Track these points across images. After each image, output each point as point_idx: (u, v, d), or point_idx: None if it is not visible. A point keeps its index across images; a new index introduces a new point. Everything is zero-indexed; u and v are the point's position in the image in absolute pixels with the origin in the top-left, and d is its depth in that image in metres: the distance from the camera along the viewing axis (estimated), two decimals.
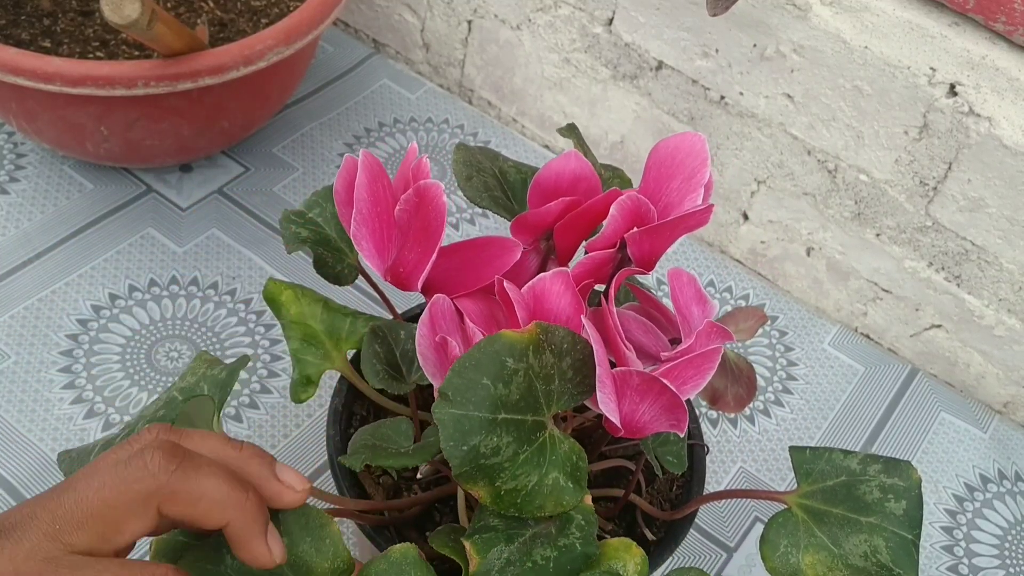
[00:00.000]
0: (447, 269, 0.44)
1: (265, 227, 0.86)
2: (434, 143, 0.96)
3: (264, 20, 0.88)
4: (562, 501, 0.42)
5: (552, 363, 0.42)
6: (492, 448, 0.40)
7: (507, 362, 0.40)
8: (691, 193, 0.44)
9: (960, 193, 0.76)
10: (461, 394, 0.40)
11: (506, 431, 0.40)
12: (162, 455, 0.36)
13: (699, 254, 0.91)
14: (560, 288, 0.43)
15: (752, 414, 0.80)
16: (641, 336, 0.46)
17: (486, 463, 0.40)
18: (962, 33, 0.71)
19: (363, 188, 0.43)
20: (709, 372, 0.41)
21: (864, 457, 0.48)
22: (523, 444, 0.41)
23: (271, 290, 0.54)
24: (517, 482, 0.41)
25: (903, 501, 0.47)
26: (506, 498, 0.41)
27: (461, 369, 0.40)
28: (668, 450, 0.51)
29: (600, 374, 0.40)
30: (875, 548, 0.45)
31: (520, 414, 0.41)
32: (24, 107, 0.77)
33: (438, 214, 0.42)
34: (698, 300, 0.45)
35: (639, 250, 0.44)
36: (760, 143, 0.85)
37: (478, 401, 0.40)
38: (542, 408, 0.42)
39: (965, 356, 0.84)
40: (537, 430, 0.42)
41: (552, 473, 0.41)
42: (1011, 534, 0.75)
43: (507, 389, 0.40)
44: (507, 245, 0.44)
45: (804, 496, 0.47)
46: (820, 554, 0.45)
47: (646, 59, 0.87)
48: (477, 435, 0.40)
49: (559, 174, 0.47)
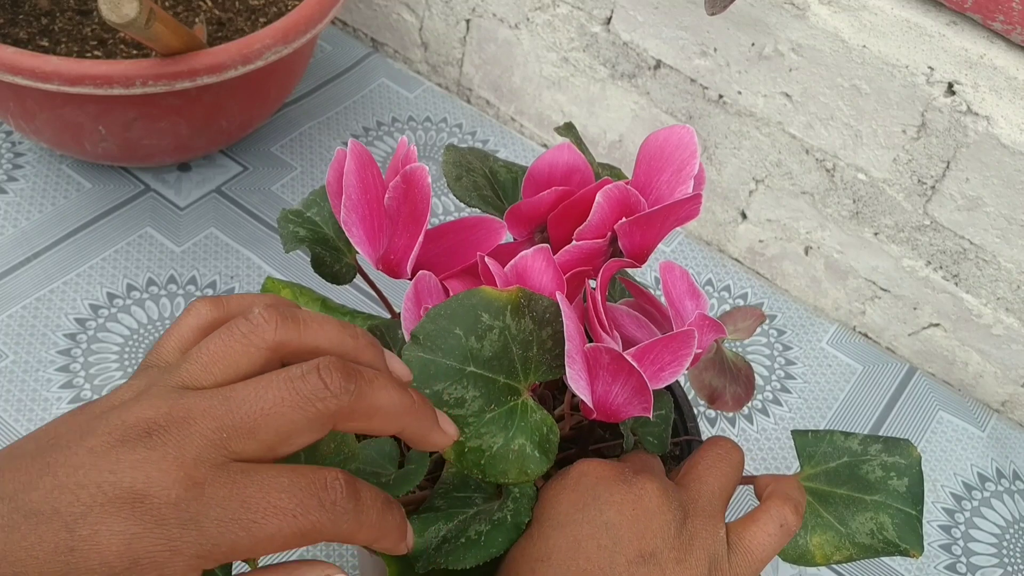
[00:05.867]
0: (436, 252, 0.45)
1: (264, 226, 0.86)
2: (432, 142, 0.96)
3: (262, 19, 0.88)
4: (526, 469, 0.41)
5: (531, 329, 0.42)
6: (456, 399, 0.40)
7: (482, 317, 0.41)
8: (681, 185, 0.44)
9: (958, 192, 0.76)
10: (432, 340, 0.40)
11: (474, 385, 0.41)
12: (341, 375, 0.34)
13: (697, 253, 0.91)
14: (542, 264, 0.43)
15: (750, 413, 0.80)
16: (634, 331, 0.46)
17: (449, 412, 0.40)
18: (960, 32, 0.71)
19: (352, 175, 0.43)
20: (687, 357, 0.41)
21: (864, 438, 0.49)
22: (491, 403, 0.41)
23: (269, 288, 0.54)
24: (482, 441, 0.41)
25: (905, 478, 0.47)
26: (469, 456, 0.41)
27: (435, 316, 0.40)
28: (649, 431, 0.51)
29: (569, 348, 0.40)
30: (881, 525, 0.46)
31: (491, 372, 0.41)
32: (22, 106, 0.77)
33: (424, 196, 0.42)
34: (691, 294, 0.45)
35: (630, 242, 0.44)
36: (758, 142, 0.85)
37: (447, 349, 0.40)
38: (518, 373, 0.42)
39: (963, 355, 0.84)
40: (509, 393, 0.42)
41: (519, 439, 0.41)
42: (1009, 532, 0.75)
43: (479, 344, 0.41)
44: (493, 226, 0.45)
45: (808, 479, 0.48)
46: (827, 534, 0.46)
47: (644, 58, 0.87)
48: (441, 382, 0.40)
49: (552, 165, 0.47)
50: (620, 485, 0.42)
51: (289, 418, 0.33)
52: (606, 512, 0.41)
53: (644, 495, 0.41)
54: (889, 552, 0.46)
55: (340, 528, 0.33)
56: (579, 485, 0.42)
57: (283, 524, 0.32)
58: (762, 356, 0.84)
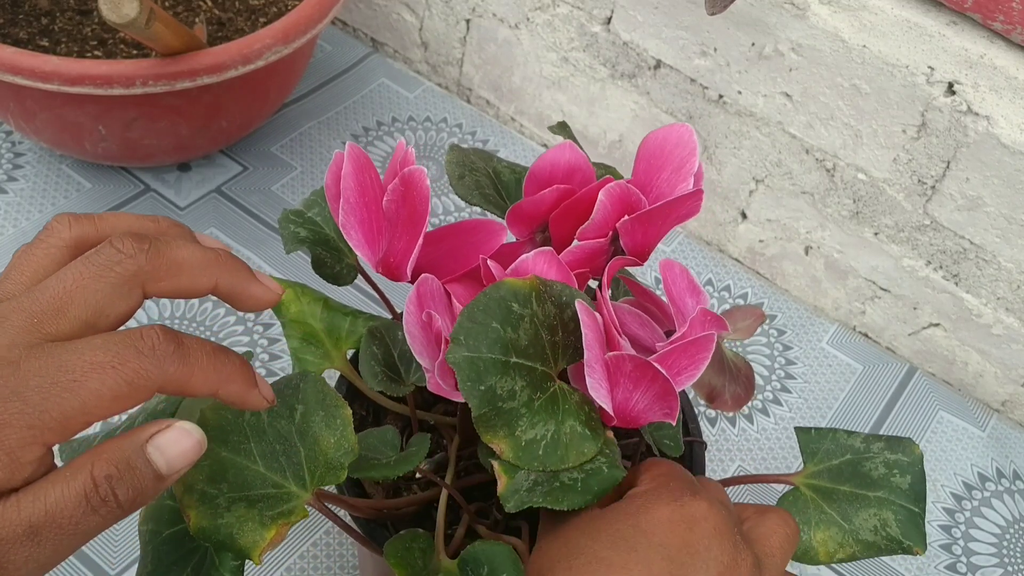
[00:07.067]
0: (436, 255, 0.44)
1: (263, 226, 0.86)
2: (432, 142, 0.96)
3: (262, 19, 0.88)
4: (583, 449, 0.41)
5: (554, 313, 0.42)
6: (508, 391, 0.40)
7: (513, 307, 0.40)
8: (681, 183, 0.44)
9: (958, 192, 0.76)
10: (473, 337, 0.40)
11: (519, 375, 0.40)
12: (132, 240, 0.35)
13: (697, 253, 0.91)
14: (544, 266, 0.43)
15: (750, 413, 0.80)
16: (637, 329, 0.46)
17: (504, 407, 0.40)
18: (960, 32, 0.71)
19: (349, 177, 0.43)
20: (704, 361, 0.41)
21: (867, 436, 0.49)
22: (536, 391, 0.41)
23: None
24: (536, 431, 0.40)
25: (908, 476, 0.47)
26: (527, 449, 0.40)
27: (471, 313, 0.40)
28: (664, 434, 0.51)
29: (589, 358, 0.40)
30: (884, 521, 0.46)
31: (530, 360, 0.41)
32: (22, 106, 0.77)
33: (423, 198, 0.42)
34: (691, 291, 0.45)
35: (631, 240, 0.44)
36: (758, 142, 0.85)
37: (490, 343, 0.40)
38: (549, 359, 0.42)
39: (963, 355, 0.84)
40: (546, 380, 0.41)
41: (568, 421, 0.41)
42: (1009, 532, 0.75)
43: (516, 333, 0.40)
44: (493, 228, 0.44)
45: (811, 476, 0.48)
46: (831, 530, 0.46)
47: (644, 58, 0.87)
48: (492, 376, 0.40)
49: (554, 164, 0.47)
50: (731, 545, 0.39)
51: (92, 288, 0.34)
52: (711, 570, 0.38)
53: (743, 567, 0.39)
54: (892, 550, 0.46)
55: (168, 372, 0.34)
56: (695, 528, 0.39)
57: (104, 377, 0.32)
58: (762, 356, 0.84)
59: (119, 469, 0.33)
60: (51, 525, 0.31)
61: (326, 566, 0.67)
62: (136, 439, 0.34)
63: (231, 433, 0.43)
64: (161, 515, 0.44)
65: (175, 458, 0.34)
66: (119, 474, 0.33)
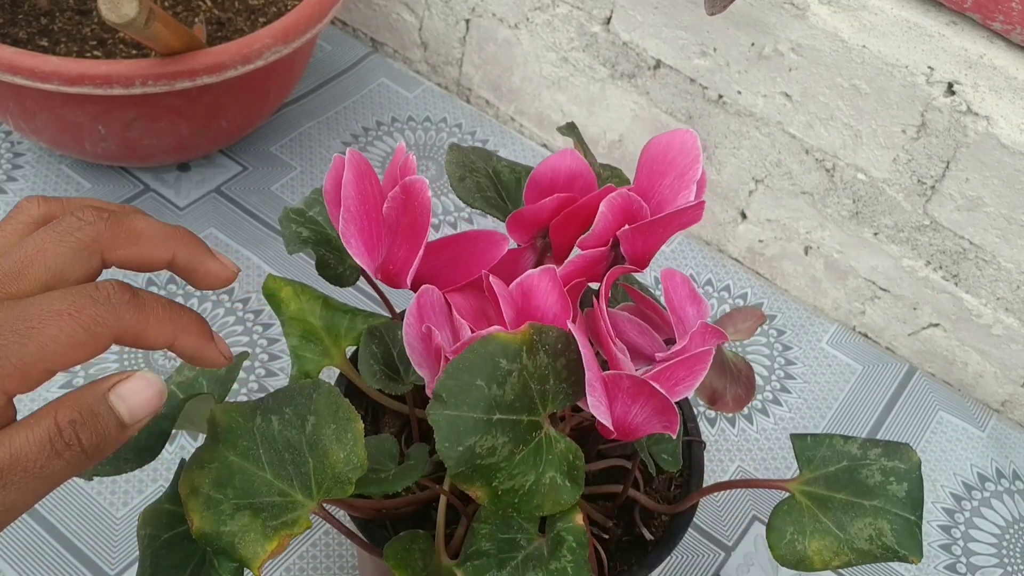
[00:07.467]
0: (437, 264, 0.44)
1: (263, 226, 0.86)
2: (432, 142, 0.96)
3: (262, 19, 0.88)
4: (560, 500, 0.42)
5: (547, 363, 0.41)
6: (488, 448, 0.40)
7: (500, 363, 0.40)
8: (683, 190, 0.44)
9: (958, 192, 0.76)
10: (455, 396, 0.40)
11: (501, 431, 0.40)
12: (93, 209, 0.37)
13: (697, 253, 0.91)
14: (548, 285, 0.43)
15: (750, 413, 0.80)
16: (636, 337, 0.46)
17: (482, 463, 0.40)
18: (960, 32, 0.71)
19: (350, 186, 0.43)
20: (701, 373, 0.41)
21: (864, 442, 0.49)
22: (519, 444, 0.41)
23: (270, 286, 0.53)
24: (514, 482, 0.41)
25: (904, 483, 0.47)
26: (504, 498, 0.41)
27: (454, 371, 0.40)
28: (663, 448, 0.51)
29: (589, 377, 0.40)
30: (880, 531, 0.46)
31: (515, 414, 0.41)
32: (21, 106, 0.77)
33: (424, 210, 0.42)
34: (692, 300, 0.45)
35: (632, 248, 0.44)
36: (758, 142, 0.85)
37: (472, 402, 0.40)
38: (537, 408, 0.42)
39: (963, 355, 0.84)
40: (533, 430, 0.41)
41: (549, 472, 0.41)
42: (1009, 532, 0.75)
43: (501, 390, 0.40)
44: (495, 238, 0.44)
45: (807, 483, 0.48)
46: (826, 539, 0.46)
47: (644, 58, 0.87)
48: (472, 436, 0.40)
49: (555, 170, 0.47)
50: None
51: (52, 252, 0.35)
52: None
53: None
54: (888, 558, 0.46)
55: (124, 320, 0.34)
56: None
57: (62, 323, 0.33)
58: (762, 356, 0.84)
59: (82, 415, 0.34)
60: (16, 468, 0.32)
61: (325, 566, 0.67)
62: (98, 388, 0.35)
63: (241, 437, 0.43)
64: (160, 519, 0.44)
65: (137, 407, 0.35)
66: (82, 419, 0.34)
